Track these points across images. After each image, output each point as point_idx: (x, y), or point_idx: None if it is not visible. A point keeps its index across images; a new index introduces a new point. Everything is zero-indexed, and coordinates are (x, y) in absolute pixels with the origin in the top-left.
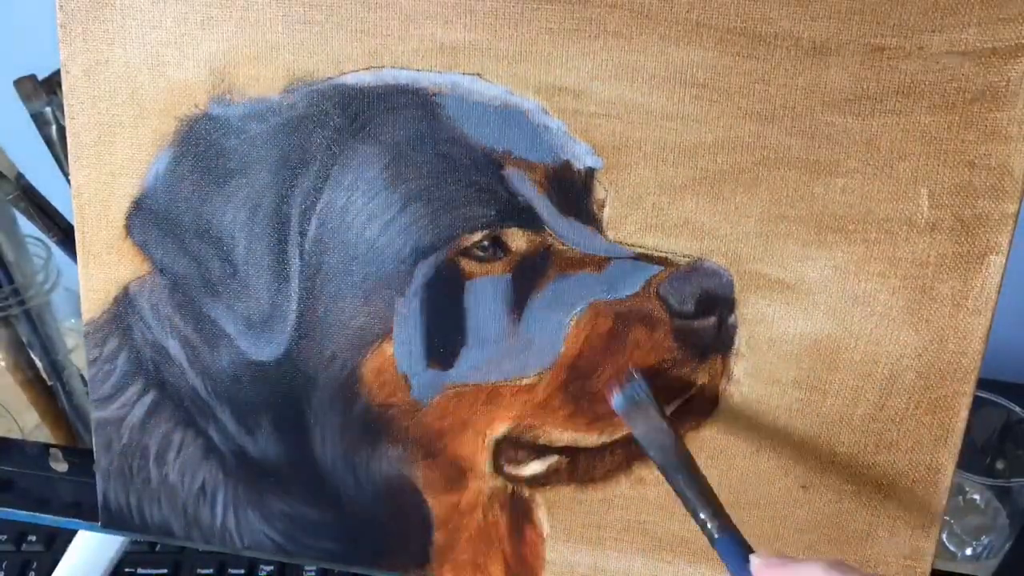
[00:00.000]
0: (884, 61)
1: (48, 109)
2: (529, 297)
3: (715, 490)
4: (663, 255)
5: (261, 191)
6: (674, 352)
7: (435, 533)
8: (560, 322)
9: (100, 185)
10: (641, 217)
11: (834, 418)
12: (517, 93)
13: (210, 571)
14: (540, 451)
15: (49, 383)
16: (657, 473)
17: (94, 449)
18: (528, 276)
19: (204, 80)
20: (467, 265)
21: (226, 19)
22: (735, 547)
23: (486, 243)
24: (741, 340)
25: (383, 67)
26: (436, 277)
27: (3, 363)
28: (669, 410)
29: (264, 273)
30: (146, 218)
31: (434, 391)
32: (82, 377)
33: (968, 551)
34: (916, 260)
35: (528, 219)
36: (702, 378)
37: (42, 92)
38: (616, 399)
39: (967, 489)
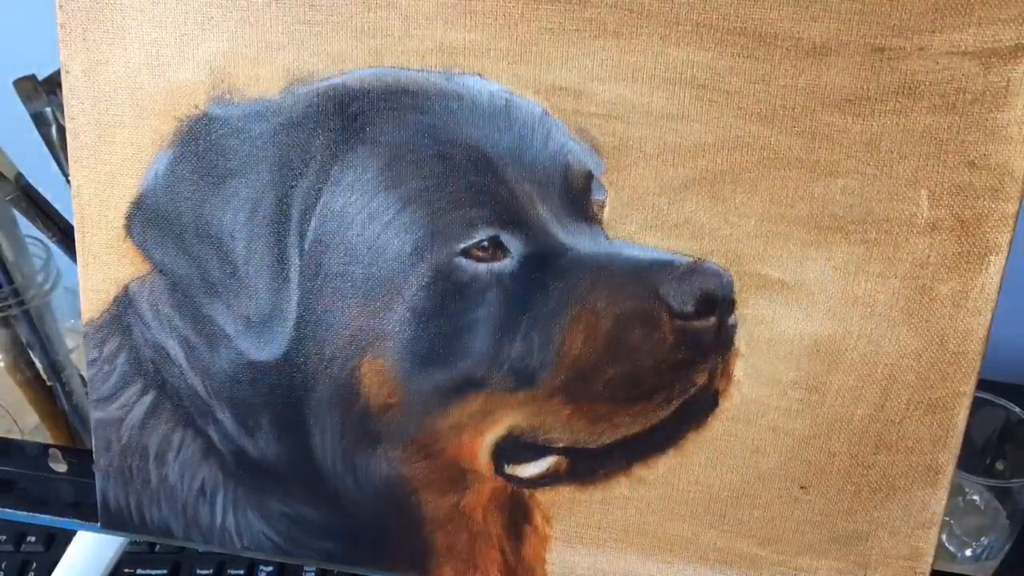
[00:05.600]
0: (884, 61)
1: (48, 109)
2: (529, 297)
3: (715, 490)
4: (663, 256)
5: (261, 191)
6: (674, 353)
7: (435, 533)
8: (560, 322)
9: (100, 185)
10: (641, 217)
11: (834, 418)
12: (517, 93)
13: (209, 571)
14: (540, 451)
15: (49, 383)
16: (657, 474)
17: (93, 449)
18: (528, 276)
19: (204, 80)
20: (467, 265)
21: (226, 19)
22: None
23: (486, 243)
24: (741, 340)
25: (383, 67)
26: (436, 277)
27: (3, 363)
28: (669, 410)
29: (264, 273)
30: (146, 218)
31: (434, 391)
32: (82, 377)
33: (968, 552)
34: (916, 260)
35: (528, 219)
36: (702, 378)
37: (42, 92)
38: None
39: (967, 489)
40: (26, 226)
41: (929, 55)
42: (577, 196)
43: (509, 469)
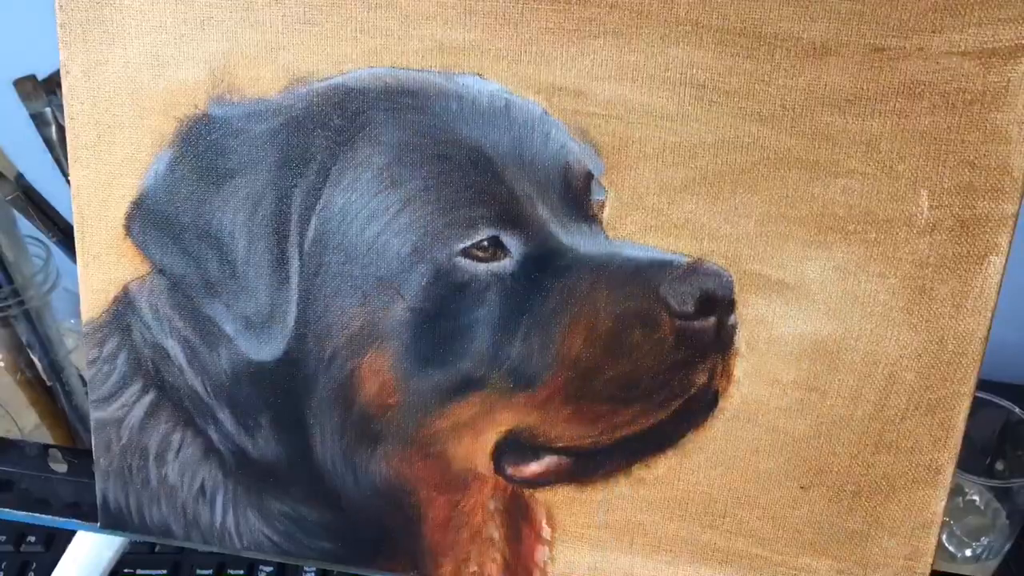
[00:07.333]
0: (884, 61)
1: (48, 109)
2: (529, 298)
3: (715, 490)
4: (663, 256)
5: (261, 191)
6: (674, 353)
7: (435, 533)
8: (560, 322)
9: (100, 185)
10: (641, 217)
11: (834, 418)
12: (517, 93)
13: (209, 572)
14: (540, 451)
15: (49, 383)
16: (657, 474)
17: (93, 449)
18: (528, 277)
19: (204, 80)
20: (467, 265)
21: (226, 19)
22: None
23: (486, 243)
24: (741, 340)
25: (383, 67)
26: (435, 277)
27: (3, 363)
28: (669, 410)
29: (263, 273)
30: (145, 218)
31: (433, 391)
32: (82, 377)
33: (968, 552)
34: (916, 260)
35: (528, 220)
36: (702, 378)
37: (42, 92)
38: None
39: (967, 490)
40: (26, 226)
41: (929, 55)
42: (577, 196)
43: (509, 469)
